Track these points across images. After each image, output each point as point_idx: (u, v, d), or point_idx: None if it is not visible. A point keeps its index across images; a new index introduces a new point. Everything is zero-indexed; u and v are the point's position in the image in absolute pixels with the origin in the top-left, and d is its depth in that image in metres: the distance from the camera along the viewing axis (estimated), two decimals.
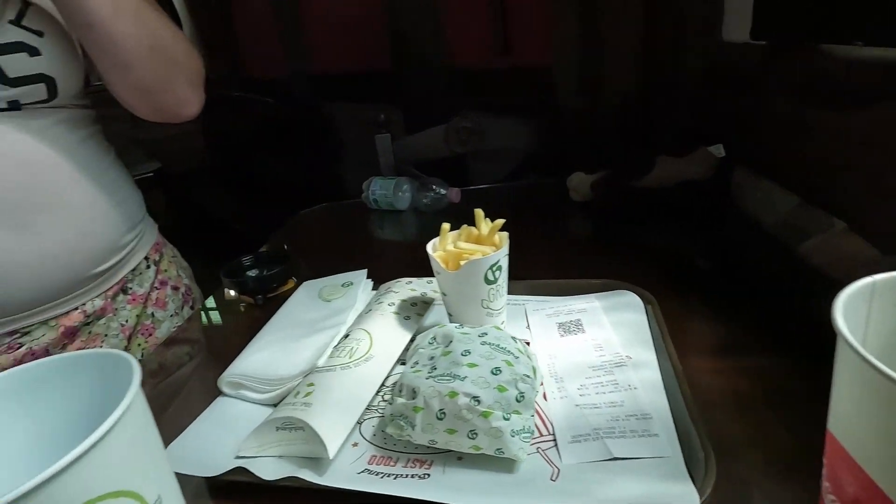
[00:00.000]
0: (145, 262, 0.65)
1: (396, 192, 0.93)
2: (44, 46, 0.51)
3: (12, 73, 0.49)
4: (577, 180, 0.83)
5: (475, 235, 0.49)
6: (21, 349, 0.54)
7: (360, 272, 0.64)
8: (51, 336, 0.56)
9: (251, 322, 0.65)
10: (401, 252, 0.87)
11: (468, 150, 1.13)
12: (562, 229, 0.82)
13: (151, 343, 0.65)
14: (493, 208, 0.95)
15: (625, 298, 0.55)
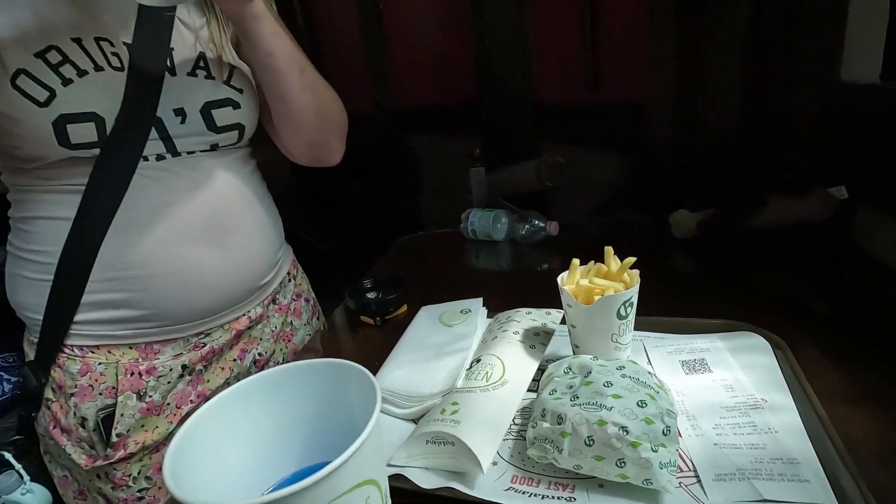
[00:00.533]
0: (287, 276, 0.74)
1: (494, 224, 0.97)
2: (242, 101, 0.62)
3: (219, 122, 0.60)
4: (681, 217, 0.84)
5: (604, 272, 0.52)
6: (205, 348, 0.64)
7: (476, 300, 0.68)
8: (225, 338, 0.65)
9: (371, 341, 0.70)
10: (501, 281, 0.91)
11: (560, 184, 1.16)
12: (667, 266, 0.82)
13: (290, 349, 0.74)
14: (590, 242, 0.98)
15: (750, 341, 0.55)
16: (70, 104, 0.51)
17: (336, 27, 2.80)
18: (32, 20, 0.52)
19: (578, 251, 0.93)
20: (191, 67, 0.59)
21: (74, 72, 0.52)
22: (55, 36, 0.52)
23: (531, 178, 1.17)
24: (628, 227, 1.04)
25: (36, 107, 0.50)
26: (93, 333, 0.59)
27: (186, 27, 0.60)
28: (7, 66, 0.50)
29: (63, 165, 0.54)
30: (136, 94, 0.54)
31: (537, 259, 0.93)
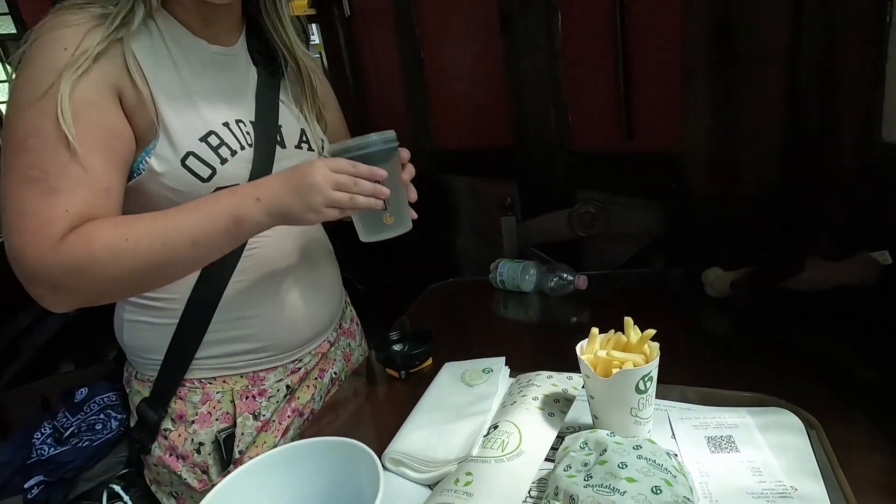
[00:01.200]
0: (343, 303, 0.86)
1: (523, 275, 0.98)
2: None
3: None
4: (714, 276, 0.82)
5: (623, 342, 0.52)
6: (300, 371, 0.75)
7: (499, 359, 0.68)
8: (314, 361, 0.77)
9: (396, 392, 0.72)
10: (527, 333, 0.90)
11: (592, 234, 1.16)
12: (698, 326, 0.80)
13: (349, 367, 0.84)
14: (620, 296, 0.97)
15: (782, 418, 0.52)
16: (224, 179, 0.62)
17: (380, 74, 2.95)
18: (193, 109, 0.62)
19: (607, 306, 0.93)
20: (297, 141, 0.71)
21: (229, 152, 0.63)
22: (212, 122, 0.63)
23: (563, 227, 1.17)
24: (660, 280, 1.02)
25: (200, 182, 0.61)
26: (210, 367, 0.69)
27: (289, 107, 0.72)
28: (178, 150, 0.60)
29: None
30: (259, 166, 0.65)
31: (565, 312, 0.92)
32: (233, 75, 0.67)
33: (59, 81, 0.53)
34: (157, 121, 0.59)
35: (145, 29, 0.60)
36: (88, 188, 0.55)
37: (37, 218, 0.53)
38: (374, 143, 0.59)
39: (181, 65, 0.62)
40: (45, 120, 0.53)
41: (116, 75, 0.57)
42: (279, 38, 0.70)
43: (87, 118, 0.54)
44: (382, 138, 0.60)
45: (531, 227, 1.25)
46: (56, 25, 0.55)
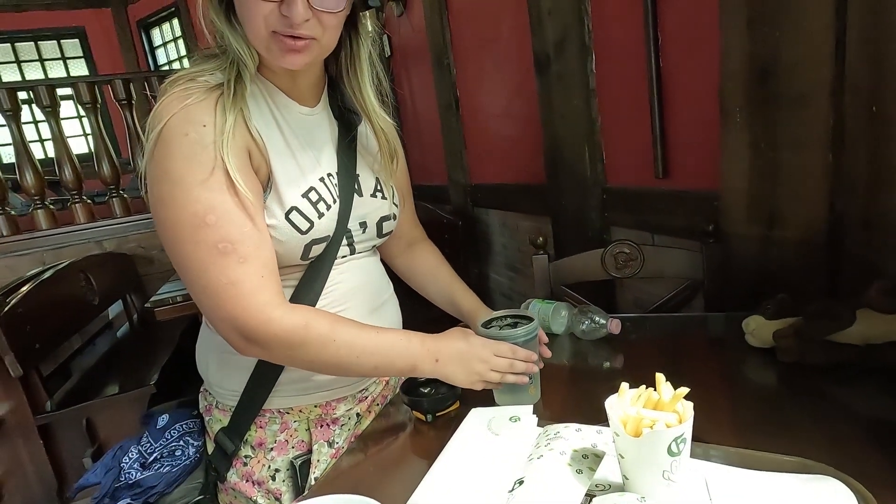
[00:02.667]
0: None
1: (554, 317, 0.96)
2: (398, 215, 0.82)
3: (384, 230, 0.80)
4: (756, 324, 0.78)
5: (655, 400, 0.50)
6: (367, 399, 0.81)
7: (526, 408, 0.67)
8: (378, 389, 0.83)
9: (422, 436, 0.71)
10: (557, 378, 0.88)
11: (626, 275, 1.13)
12: (738, 378, 0.76)
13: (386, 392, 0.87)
14: (655, 341, 0.94)
15: (830, 485, 0.49)
16: (319, 231, 0.68)
17: (417, 111, 3.05)
18: (296, 167, 0.68)
19: (641, 351, 0.90)
20: (372, 190, 0.77)
21: (325, 206, 0.69)
22: (311, 178, 0.69)
23: (597, 267, 1.16)
24: (698, 326, 0.99)
25: (299, 234, 0.67)
26: (287, 396, 0.74)
27: (364, 157, 0.77)
28: (284, 204, 0.66)
29: (285, 268, 0.69)
30: (343, 215, 0.72)
31: (597, 357, 0.90)
32: (318, 132, 0.73)
33: (221, 157, 0.60)
34: (270, 178, 0.66)
35: (252, 92, 0.67)
36: (264, 247, 0.63)
37: (243, 286, 0.61)
38: (529, 332, 0.70)
39: (282, 124, 0.69)
40: (215, 195, 0.60)
41: (244, 142, 0.64)
42: (359, 103, 0.76)
43: (243, 184, 0.61)
44: (533, 328, 0.71)
45: (564, 266, 1.23)
46: (182, 104, 0.60)
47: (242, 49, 0.64)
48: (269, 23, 0.60)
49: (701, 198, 1.12)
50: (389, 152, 0.80)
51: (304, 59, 0.63)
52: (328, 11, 0.61)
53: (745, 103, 0.96)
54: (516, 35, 1.73)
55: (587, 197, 1.52)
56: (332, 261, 0.73)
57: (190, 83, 0.62)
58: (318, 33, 0.62)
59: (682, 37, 1.13)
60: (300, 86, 0.71)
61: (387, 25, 3.14)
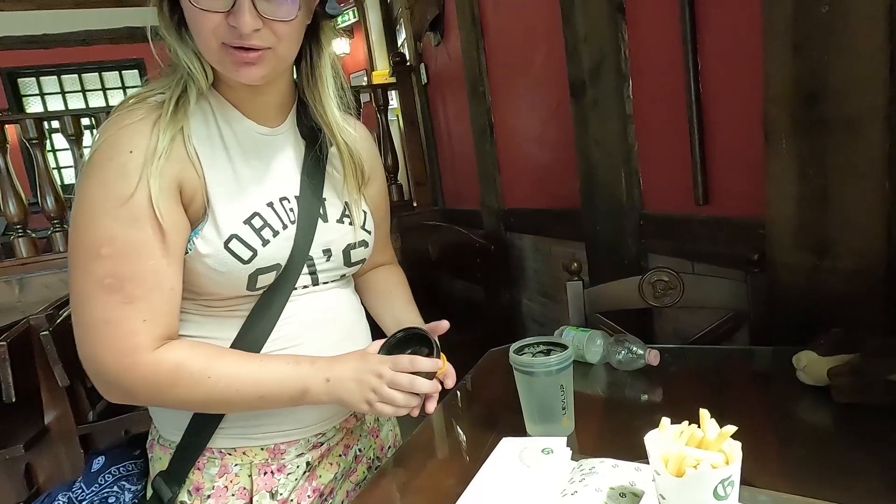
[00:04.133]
0: None
1: (589, 345, 0.93)
2: (370, 241, 0.75)
3: (353, 259, 0.73)
4: (808, 360, 0.73)
5: (699, 438, 0.47)
6: (322, 446, 0.72)
7: (559, 440, 0.64)
8: (338, 436, 0.74)
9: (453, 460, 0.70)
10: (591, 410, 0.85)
11: (665, 304, 1.09)
12: (789, 418, 0.71)
13: (378, 444, 0.81)
14: (697, 374, 0.90)
15: None
16: (264, 260, 0.63)
17: (452, 135, 3.09)
18: (240, 192, 0.63)
19: (682, 384, 0.86)
20: (339, 215, 0.71)
21: (271, 233, 0.63)
22: (256, 203, 0.63)
23: (634, 295, 1.12)
24: (743, 359, 0.93)
25: (241, 264, 0.61)
26: (232, 436, 0.67)
27: (333, 179, 0.72)
28: (222, 233, 0.61)
29: (233, 299, 0.65)
30: (301, 242, 0.66)
31: (634, 389, 0.86)
32: (279, 153, 0.68)
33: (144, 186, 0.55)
34: (207, 204, 0.61)
35: (199, 109, 0.63)
36: (159, 291, 0.58)
37: (118, 328, 0.56)
38: (563, 360, 0.67)
39: (231, 146, 0.64)
40: (119, 227, 0.55)
41: (180, 167, 0.59)
42: (320, 116, 0.70)
43: (164, 217, 0.57)
44: (568, 356, 0.68)
45: (599, 293, 1.20)
46: (118, 126, 0.57)
47: (193, 64, 0.60)
48: (219, 35, 0.56)
49: (744, 225, 1.08)
50: (354, 170, 0.73)
51: (259, 71, 0.59)
52: (279, 20, 0.57)
53: (792, 128, 0.93)
54: (551, 62, 1.74)
55: (623, 223, 1.49)
56: (287, 291, 0.66)
57: (137, 104, 0.59)
58: (273, 43, 0.58)
59: (722, 61, 1.11)
60: (261, 103, 0.66)
61: (424, 54, 3.23)
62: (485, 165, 2.48)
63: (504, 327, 2.32)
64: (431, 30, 2.85)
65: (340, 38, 4.73)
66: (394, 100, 3.63)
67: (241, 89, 0.64)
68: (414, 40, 3.31)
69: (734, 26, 1.07)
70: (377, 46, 4.67)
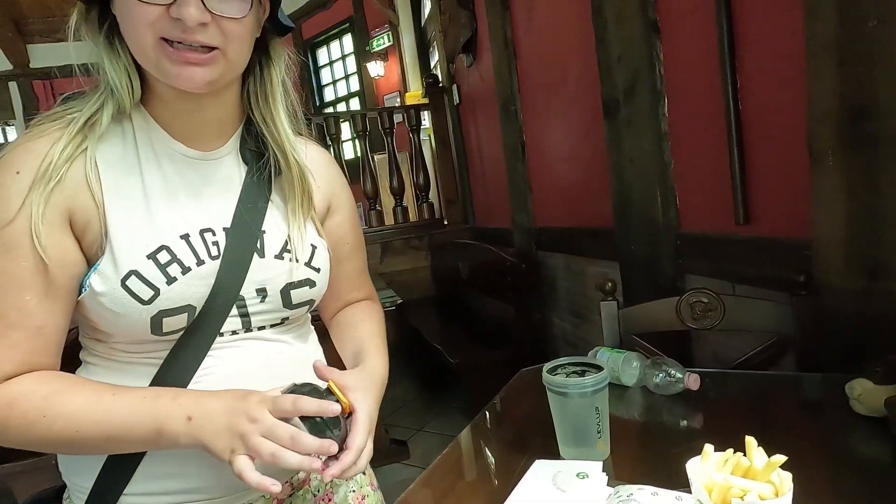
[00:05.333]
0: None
1: (625, 367, 0.91)
2: (318, 280, 0.63)
3: (295, 300, 0.61)
4: (863, 389, 0.69)
5: (745, 467, 0.45)
6: None
7: (595, 464, 0.63)
8: None
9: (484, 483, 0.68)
10: (628, 435, 0.82)
11: (704, 327, 1.06)
12: (843, 450, 0.67)
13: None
14: (740, 401, 0.86)
15: None
16: (170, 300, 0.53)
17: (483, 154, 3.11)
18: (148, 222, 0.55)
19: (724, 411, 0.82)
20: (278, 250, 0.60)
21: (179, 270, 0.54)
22: (166, 235, 0.55)
23: (671, 317, 1.09)
24: (790, 386, 0.89)
25: (139, 304, 0.52)
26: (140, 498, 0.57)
27: (278, 209, 0.63)
28: (119, 268, 0.52)
29: (145, 343, 0.56)
30: (226, 280, 0.56)
31: (673, 414, 0.83)
32: (212, 180, 0.60)
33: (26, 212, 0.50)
34: (104, 236, 0.53)
35: (118, 129, 0.56)
36: (20, 329, 0.51)
37: None
38: (599, 382, 0.65)
39: (148, 171, 0.56)
40: None
41: (72, 192, 0.53)
42: (269, 134, 0.62)
43: (25, 252, 0.51)
44: (603, 377, 0.66)
45: (635, 313, 1.17)
46: (17, 144, 0.53)
47: (119, 77, 0.54)
48: (157, 29, 0.50)
49: (789, 245, 1.04)
50: (302, 197, 0.63)
51: (206, 73, 0.52)
52: (229, 17, 0.51)
53: (838, 146, 0.90)
54: (584, 81, 1.74)
55: (659, 242, 1.45)
56: (209, 337, 0.57)
57: (47, 123, 0.54)
58: (220, 42, 0.51)
59: (762, 78, 1.09)
60: (197, 122, 0.58)
61: (456, 75, 3.28)
62: (516, 184, 2.48)
63: (535, 347, 2.29)
64: (464, 51, 2.90)
65: (287, 54, 4.86)
66: (426, 120, 3.69)
67: (176, 105, 0.57)
68: (447, 62, 3.38)
69: (774, 43, 1.05)
70: (410, 69, 4.78)
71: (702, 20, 1.20)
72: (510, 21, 2.34)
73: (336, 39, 5.89)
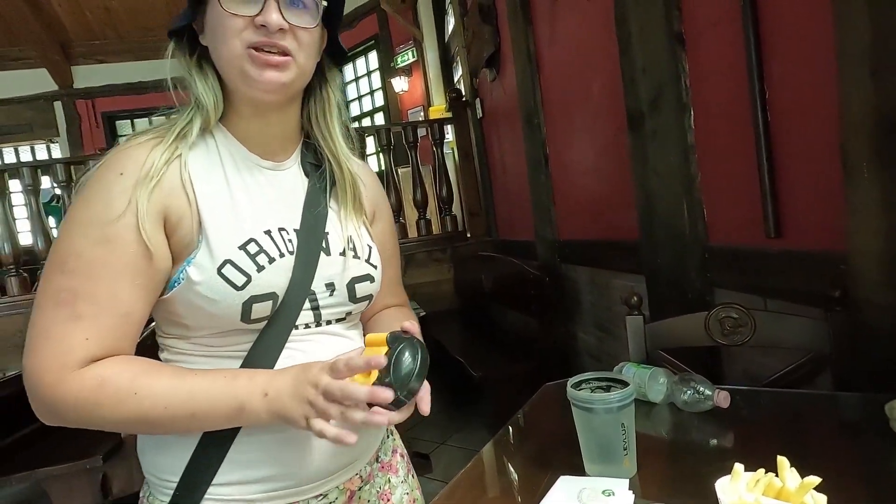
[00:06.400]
0: (387, 432, 0.77)
1: (651, 383, 0.89)
2: (376, 276, 0.71)
3: (359, 294, 0.69)
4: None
5: (777, 488, 0.44)
6: None
7: (621, 482, 0.62)
8: (341, 500, 0.68)
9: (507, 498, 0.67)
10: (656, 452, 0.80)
11: (734, 343, 1.03)
12: (881, 472, 0.64)
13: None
14: (772, 420, 0.83)
15: None
16: (259, 287, 0.60)
17: (507, 167, 3.12)
18: (236, 220, 0.62)
19: (755, 430, 0.80)
20: (341, 249, 0.68)
21: (266, 259, 0.61)
22: (252, 229, 0.62)
23: (699, 332, 1.07)
24: (826, 406, 0.86)
25: (234, 290, 0.59)
26: (226, 497, 0.62)
27: (336, 214, 0.71)
28: (216, 258, 0.59)
29: (229, 335, 0.62)
30: (300, 273, 0.63)
31: (702, 431, 0.81)
32: (282, 187, 0.68)
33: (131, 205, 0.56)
34: (199, 231, 0.60)
35: (203, 143, 0.64)
36: (111, 315, 0.57)
37: (58, 343, 0.55)
38: (625, 397, 0.65)
39: (232, 177, 0.64)
40: (87, 244, 0.56)
41: (168, 193, 0.60)
42: (326, 147, 0.71)
43: (125, 242, 0.56)
44: (629, 393, 0.66)
45: (661, 328, 1.15)
46: (117, 151, 0.60)
47: (207, 94, 0.63)
48: (245, 39, 0.59)
49: (822, 259, 1.01)
50: (355, 203, 0.72)
51: (282, 76, 0.61)
52: (302, 27, 0.61)
53: (874, 157, 0.87)
54: (608, 93, 1.74)
55: (686, 256, 1.43)
56: (286, 328, 0.63)
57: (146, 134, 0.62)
58: (294, 49, 0.61)
59: (791, 89, 1.07)
60: (267, 137, 0.67)
61: (480, 90, 3.31)
62: (539, 196, 2.48)
63: (558, 361, 2.26)
64: (487, 66, 2.93)
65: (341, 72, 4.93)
66: (449, 134, 3.73)
67: (251, 120, 0.66)
68: (470, 77, 3.42)
69: (803, 52, 1.03)
70: (434, 83, 4.84)
71: (727, 30, 1.19)
72: (533, 35, 2.35)
73: (361, 56, 6.02)
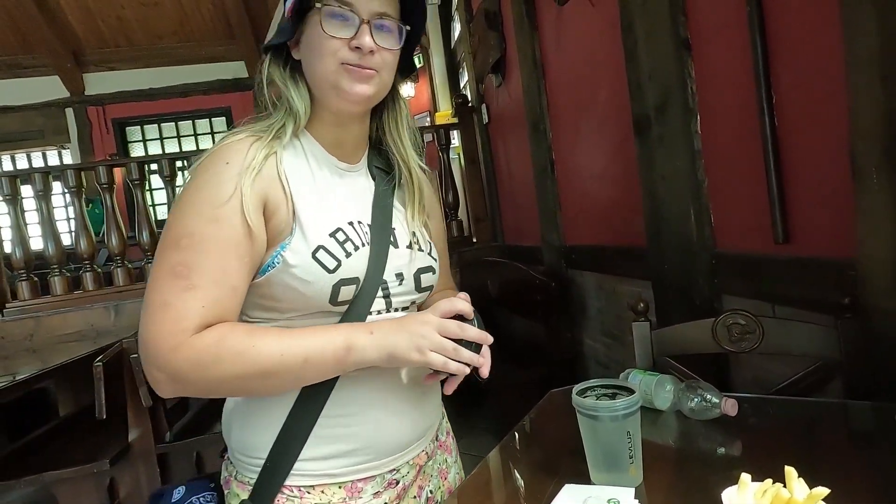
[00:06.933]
0: (442, 415, 0.84)
1: (658, 391, 0.88)
2: (437, 268, 0.80)
3: (424, 284, 0.77)
4: None
5: (785, 499, 0.43)
6: (398, 485, 0.73)
7: (627, 490, 0.61)
8: (412, 474, 0.75)
9: None
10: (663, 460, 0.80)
11: (741, 350, 1.02)
12: (890, 482, 0.63)
13: (446, 487, 0.81)
14: (781, 428, 0.82)
15: None
16: (347, 271, 0.68)
17: (513, 173, 3.12)
18: (324, 210, 0.70)
19: (763, 439, 0.79)
20: (408, 242, 0.77)
21: (353, 247, 0.69)
22: (339, 220, 0.70)
23: (706, 339, 1.06)
24: (836, 415, 0.84)
25: (327, 273, 0.66)
26: (311, 472, 0.68)
27: (399, 212, 0.79)
28: (310, 243, 0.67)
29: (315, 316, 0.69)
30: (375, 262, 0.71)
31: (709, 440, 0.80)
32: (355, 186, 0.76)
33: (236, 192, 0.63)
34: (294, 219, 0.68)
35: (292, 145, 0.72)
36: (221, 287, 0.63)
37: (175, 311, 0.60)
38: (631, 405, 0.65)
39: (316, 174, 0.73)
40: (201, 224, 0.63)
41: (268, 183, 0.67)
42: (398, 153, 0.79)
43: (232, 222, 0.63)
44: (635, 400, 0.66)
45: (668, 335, 1.14)
46: (221, 145, 0.68)
47: (300, 101, 0.70)
48: (339, 57, 0.67)
49: (832, 266, 1.00)
50: (419, 204, 0.80)
51: (369, 89, 0.69)
52: (388, 49, 0.69)
53: (884, 163, 0.86)
54: (614, 99, 1.74)
55: (693, 262, 1.42)
56: (363, 313, 0.70)
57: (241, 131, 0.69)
58: (380, 66, 0.69)
59: (798, 94, 1.06)
60: (344, 142, 0.75)
61: (486, 95, 3.32)
62: (545, 202, 2.47)
63: (565, 367, 2.25)
64: (493, 72, 2.94)
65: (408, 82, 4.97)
66: (455, 139, 3.73)
67: (332, 127, 0.74)
68: (476, 82, 3.43)
69: (811, 57, 1.02)
70: (440, 89, 4.86)
71: (734, 36, 1.18)
72: (539, 41, 2.36)
73: None
